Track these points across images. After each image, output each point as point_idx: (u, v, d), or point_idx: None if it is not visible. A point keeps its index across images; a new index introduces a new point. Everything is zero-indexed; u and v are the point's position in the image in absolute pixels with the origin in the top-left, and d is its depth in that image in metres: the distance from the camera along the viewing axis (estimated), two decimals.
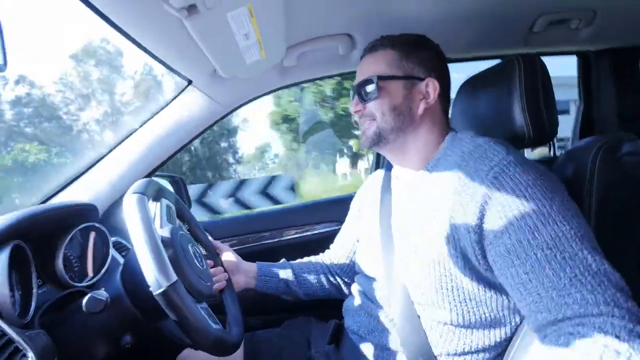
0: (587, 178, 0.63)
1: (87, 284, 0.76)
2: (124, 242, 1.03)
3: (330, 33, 0.88)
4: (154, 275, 0.48)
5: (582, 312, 0.43)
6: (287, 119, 12.38)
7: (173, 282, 0.48)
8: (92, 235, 0.84)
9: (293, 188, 6.63)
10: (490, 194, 0.53)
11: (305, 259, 0.96)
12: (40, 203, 0.95)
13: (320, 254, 0.97)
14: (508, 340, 0.59)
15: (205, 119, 1.03)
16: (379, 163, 1.39)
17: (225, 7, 0.52)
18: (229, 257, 0.87)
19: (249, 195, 6.37)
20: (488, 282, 0.56)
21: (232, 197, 6.30)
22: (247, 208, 6.17)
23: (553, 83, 0.70)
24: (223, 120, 1.10)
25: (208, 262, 0.80)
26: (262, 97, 1.09)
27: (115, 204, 1.03)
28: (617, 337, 0.40)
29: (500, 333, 0.58)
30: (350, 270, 0.90)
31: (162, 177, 1.21)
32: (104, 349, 0.61)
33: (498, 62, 0.81)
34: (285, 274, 0.89)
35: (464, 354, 0.59)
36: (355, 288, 0.80)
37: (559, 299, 0.45)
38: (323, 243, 1.00)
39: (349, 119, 0.73)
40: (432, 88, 0.67)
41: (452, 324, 0.59)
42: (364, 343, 0.70)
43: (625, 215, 0.65)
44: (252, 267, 0.89)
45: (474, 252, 0.54)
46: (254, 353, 0.82)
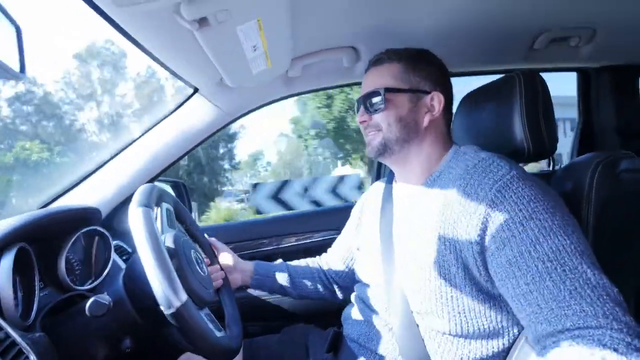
0: (585, 193, 0.64)
1: (88, 288, 0.76)
2: (125, 246, 1.03)
3: (335, 45, 0.90)
4: (165, 295, 0.49)
5: (580, 324, 0.43)
6: (316, 125, 12.57)
7: (184, 302, 0.50)
8: (94, 239, 0.84)
9: (361, 187, 6.87)
10: (494, 207, 0.54)
11: (302, 261, 0.97)
12: (44, 206, 0.96)
13: (317, 257, 0.99)
14: (506, 352, 0.59)
15: (210, 126, 1.04)
16: (380, 173, 1.40)
17: (236, 20, 0.54)
18: (226, 255, 0.89)
19: (321, 193, 6.72)
20: (487, 293, 0.57)
21: (304, 194, 6.64)
22: (318, 206, 6.44)
23: None
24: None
25: (206, 260, 0.81)
26: (266, 105, 1.10)
27: (118, 208, 1.03)
28: (615, 350, 0.40)
29: (498, 344, 0.59)
30: (346, 276, 0.91)
31: (164, 182, 1.22)
32: (104, 352, 0.61)
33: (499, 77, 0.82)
34: (281, 277, 0.91)
35: None
36: (355, 296, 0.80)
37: (559, 311, 0.45)
38: (322, 251, 1.00)
39: None
40: (437, 102, 0.69)
41: (450, 334, 0.59)
42: (363, 351, 0.71)
43: (623, 231, 0.65)
44: (248, 265, 0.91)
45: (475, 263, 0.55)
46: (253, 359, 0.82)
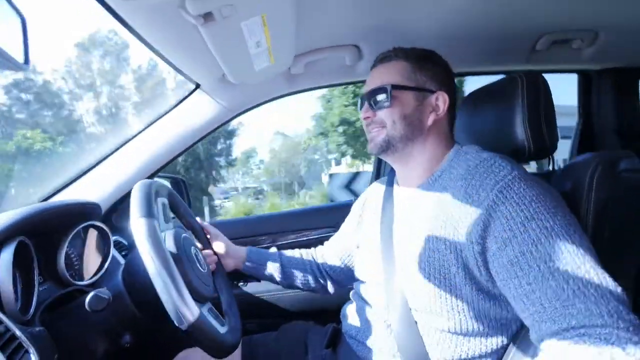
0: (584, 193, 0.64)
1: (87, 283, 0.76)
2: (124, 241, 1.03)
3: (338, 43, 0.90)
4: (178, 312, 0.50)
5: (586, 322, 0.43)
6: (344, 122, 12.57)
7: (197, 317, 0.51)
8: (94, 234, 0.84)
9: None
10: (495, 207, 0.54)
11: (297, 252, 0.96)
12: (43, 200, 0.95)
13: (313, 249, 0.99)
14: (505, 348, 0.59)
15: (211, 122, 1.04)
16: (380, 171, 1.40)
17: (240, 16, 0.54)
18: (219, 240, 0.90)
19: None
20: (488, 292, 0.57)
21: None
22: None
23: None
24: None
25: (199, 245, 0.83)
26: (267, 102, 1.10)
27: (118, 203, 1.03)
28: (623, 348, 0.40)
29: (497, 341, 0.59)
30: (341, 272, 0.92)
31: (164, 177, 1.22)
32: (104, 347, 0.61)
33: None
34: (273, 267, 0.91)
35: None
36: (354, 293, 0.81)
37: (563, 310, 0.45)
38: None
39: None
40: (442, 101, 0.69)
41: (449, 332, 0.60)
42: (361, 347, 0.71)
43: (623, 231, 0.65)
44: (241, 251, 0.92)
45: (476, 263, 0.55)
46: (252, 356, 0.82)
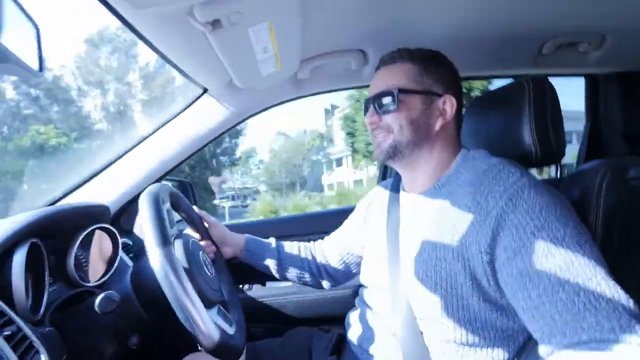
0: (594, 200, 0.63)
1: (96, 284, 0.77)
2: (132, 243, 1.04)
3: (344, 48, 0.91)
4: (202, 336, 0.52)
5: (598, 337, 0.42)
6: None
7: (219, 338, 0.54)
8: (102, 236, 0.85)
9: None
10: (505, 215, 0.52)
11: (296, 246, 0.96)
12: (53, 203, 0.97)
13: (312, 243, 0.98)
14: None
15: (218, 127, 1.05)
16: (386, 173, 1.39)
17: (248, 23, 0.55)
18: (217, 229, 0.90)
19: None
20: (495, 302, 0.56)
21: None
22: None
23: None
24: None
25: (198, 236, 0.84)
26: (274, 107, 1.11)
27: (126, 205, 1.04)
28: None
29: (504, 353, 0.57)
30: (338, 270, 0.92)
31: (171, 181, 1.24)
32: (112, 348, 0.62)
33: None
34: (271, 259, 0.91)
35: None
36: (359, 300, 0.80)
37: (574, 323, 0.43)
38: None
39: None
40: (449, 105, 0.67)
41: (455, 342, 0.58)
42: (366, 356, 0.70)
43: (632, 238, 0.64)
44: (239, 239, 0.92)
45: (485, 272, 0.54)
46: None
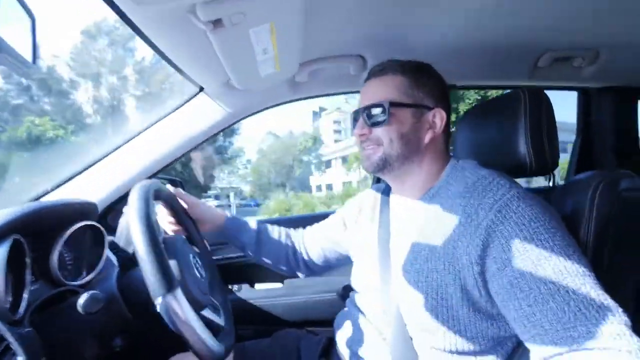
0: (586, 210, 0.63)
1: (80, 283, 0.75)
2: (118, 242, 1.02)
3: (344, 53, 0.90)
4: (205, 352, 0.52)
5: (588, 345, 0.43)
6: None
7: (222, 353, 0.53)
8: (88, 234, 0.83)
9: None
10: (494, 227, 0.53)
11: (277, 231, 0.95)
12: (36, 199, 0.94)
13: (293, 230, 0.98)
14: None
15: (212, 126, 1.04)
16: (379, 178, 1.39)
17: (250, 23, 0.54)
18: (195, 207, 0.87)
19: None
20: (485, 313, 0.56)
21: None
22: None
23: None
24: None
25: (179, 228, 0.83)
26: (270, 108, 1.10)
27: (115, 203, 1.02)
28: None
29: (493, 359, 0.58)
30: (317, 262, 0.92)
31: (162, 179, 1.21)
32: (95, 350, 0.60)
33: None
34: (247, 240, 0.91)
35: None
36: (349, 302, 0.80)
37: (565, 332, 0.45)
38: None
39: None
40: (439, 118, 0.67)
41: (444, 350, 0.59)
42: (355, 358, 0.70)
43: (623, 249, 0.65)
44: (219, 218, 0.91)
45: (476, 283, 0.54)
46: None
